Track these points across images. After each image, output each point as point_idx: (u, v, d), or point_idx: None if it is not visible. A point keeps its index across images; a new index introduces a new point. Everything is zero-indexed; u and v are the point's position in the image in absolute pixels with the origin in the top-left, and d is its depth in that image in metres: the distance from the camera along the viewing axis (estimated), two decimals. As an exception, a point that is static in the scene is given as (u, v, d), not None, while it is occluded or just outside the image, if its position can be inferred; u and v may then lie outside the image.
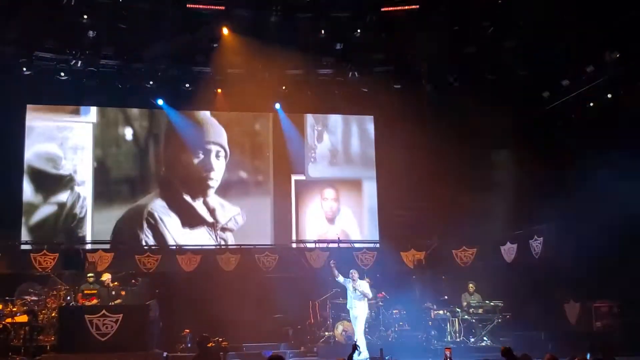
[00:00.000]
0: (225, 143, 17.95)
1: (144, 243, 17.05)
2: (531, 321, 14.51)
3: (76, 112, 17.45)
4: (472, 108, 15.65)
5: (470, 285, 15.08)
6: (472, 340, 14.43)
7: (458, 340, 14.41)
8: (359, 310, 13.15)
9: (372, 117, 18.57)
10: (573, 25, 13.69)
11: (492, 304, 14.69)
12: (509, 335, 14.35)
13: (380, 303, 14.89)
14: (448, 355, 10.08)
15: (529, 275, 15.17)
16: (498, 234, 16.10)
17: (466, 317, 14.59)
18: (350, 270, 13.39)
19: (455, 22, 15.18)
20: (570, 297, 14.87)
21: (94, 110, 17.48)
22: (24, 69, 15.68)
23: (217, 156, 17.85)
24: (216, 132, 17.98)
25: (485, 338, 14.43)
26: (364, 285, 13.25)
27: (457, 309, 14.68)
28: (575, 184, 14.37)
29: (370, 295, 13.45)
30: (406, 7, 14.82)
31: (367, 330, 13.61)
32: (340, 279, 13.22)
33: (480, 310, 14.67)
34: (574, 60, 14.79)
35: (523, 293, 15.01)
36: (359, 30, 15.42)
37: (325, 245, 17.21)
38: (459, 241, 16.44)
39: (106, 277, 14.25)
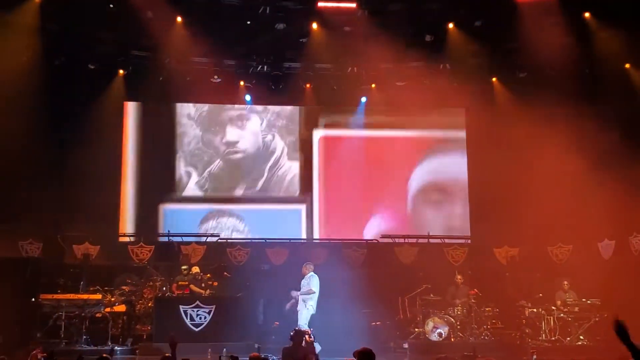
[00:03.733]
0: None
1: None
2: (631, 321, 13.84)
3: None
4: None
5: (565, 282, 14.67)
6: (568, 339, 14.00)
7: (553, 339, 14.01)
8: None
9: (462, 109, 18.12)
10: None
11: (589, 302, 14.23)
12: (606, 334, 13.56)
13: (473, 300, 14.64)
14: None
15: (628, 272, 14.47)
16: (595, 230, 15.43)
17: (562, 315, 14.16)
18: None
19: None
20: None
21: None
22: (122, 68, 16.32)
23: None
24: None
25: (581, 337, 13.98)
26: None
27: (552, 307, 14.25)
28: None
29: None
30: None
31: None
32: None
33: (576, 309, 14.22)
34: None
35: (621, 291, 14.18)
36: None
37: (414, 240, 17.00)
38: (554, 237, 15.97)
39: (195, 270, 14.59)
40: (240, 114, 18.09)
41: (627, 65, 15.56)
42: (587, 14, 14.97)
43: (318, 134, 18.14)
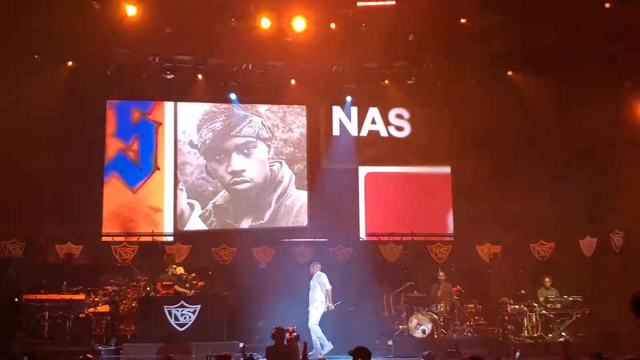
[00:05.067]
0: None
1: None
2: (611, 317, 13.84)
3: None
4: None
5: (546, 279, 14.79)
6: (550, 335, 14.10)
7: (535, 335, 14.11)
8: None
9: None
10: None
11: (570, 298, 14.35)
12: (588, 331, 14.01)
13: (456, 297, 14.77)
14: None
15: (609, 269, 14.75)
16: (577, 227, 15.69)
17: (544, 312, 14.28)
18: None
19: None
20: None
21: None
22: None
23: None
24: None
25: (563, 334, 14.09)
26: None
27: (534, 304, 14.36)
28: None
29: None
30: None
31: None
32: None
33: (558, 305, 14.34)
34: None
35: (603, 288, 14.57)
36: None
37: (399, 238, 16.99)
38: (536, 234, 16.08)
39: (180, 270, 14.56)
40: (246, 142, 17.73)
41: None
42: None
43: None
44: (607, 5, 13.65)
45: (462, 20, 14.89)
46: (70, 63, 15.84)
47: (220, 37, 15.06)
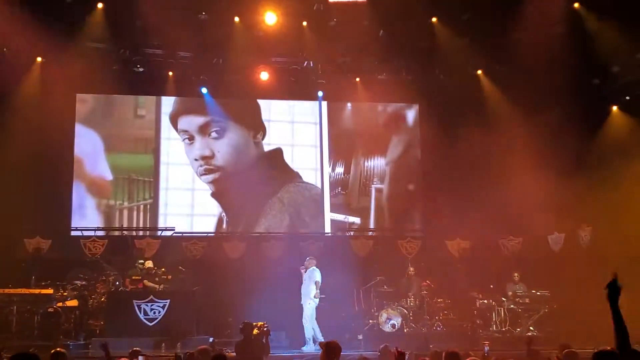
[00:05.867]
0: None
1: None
2: (579, 312, 13.97)
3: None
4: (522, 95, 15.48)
5: (515, 274, 14.97)
6: (518, 330, 14.28)
7: (504, 329, 14.30)
8: None
9: (417, 105, 18.10)
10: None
11: (538, 293, 14.55)
12: (555, 325, 14.12)
13: (425, 292, 14.84)
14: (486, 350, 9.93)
15: (577, 265, 14.70)
16: (545, 223, 15.78)
17: (512, 306, 14.44)
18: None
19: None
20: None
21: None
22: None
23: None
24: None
25: (531, 328, 14.26)
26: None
27: (503, 299, 14.53)
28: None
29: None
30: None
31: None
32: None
33: (526, 300, 14.53)
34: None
35: (570, 283, 14.50)
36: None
37: (370, 233, 17.11)
38: (505, 230, 16.26)
39: (149, 264, 14.50)
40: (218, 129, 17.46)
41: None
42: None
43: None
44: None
45: (434, 19, 14.96)
46: (39, 59, 15.63)
47: (191, 30, 14.90)
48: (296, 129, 17.90)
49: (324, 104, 17.86)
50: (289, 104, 17.84)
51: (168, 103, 17.39)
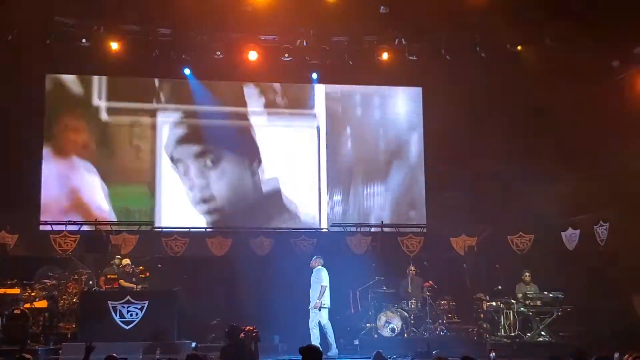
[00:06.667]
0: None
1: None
2: (595, 315, 13.84)
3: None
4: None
5: (526, 274, 14.48)
6: (529, 335, 13.74)
7: (512, 334, 13.71)
8: None
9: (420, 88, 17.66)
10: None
11: (551, 295, 13.98)
12: (570, 330, 13.73)
13: (428, 293, 14.52)
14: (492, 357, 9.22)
15: (593, 264, 14.43)
16: (559, 218, 15.40)
17: (522, 309, 13.89)
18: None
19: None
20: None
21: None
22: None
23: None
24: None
25: (543, 333, 13.73)
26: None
27: (512, 301, 13.99)
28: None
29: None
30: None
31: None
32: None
33: (538, 302, 13.97)
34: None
35: (586, 284, 14.34)
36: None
37: (367, 229, 16.67)
38: (515, 226, 15.74)
39: (126, 262, 14.15)
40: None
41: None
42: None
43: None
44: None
45: None
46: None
47: (173, 5, 14.19)
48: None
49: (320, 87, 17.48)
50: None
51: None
